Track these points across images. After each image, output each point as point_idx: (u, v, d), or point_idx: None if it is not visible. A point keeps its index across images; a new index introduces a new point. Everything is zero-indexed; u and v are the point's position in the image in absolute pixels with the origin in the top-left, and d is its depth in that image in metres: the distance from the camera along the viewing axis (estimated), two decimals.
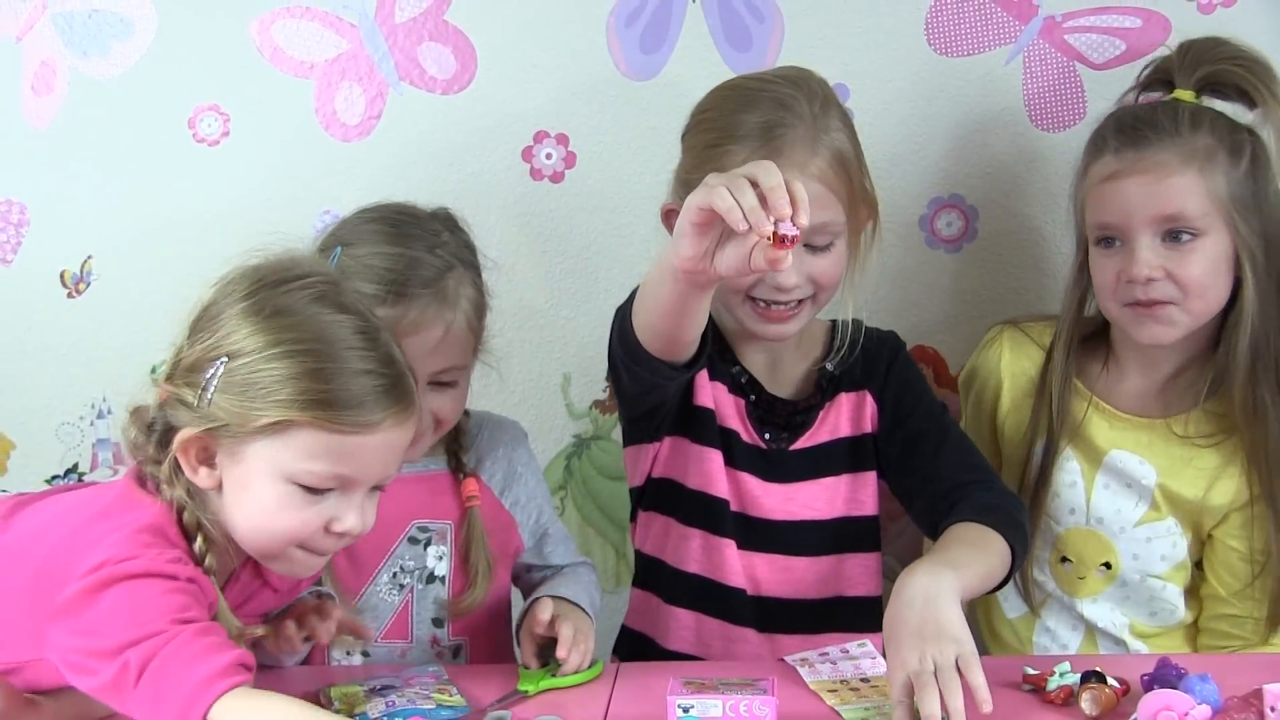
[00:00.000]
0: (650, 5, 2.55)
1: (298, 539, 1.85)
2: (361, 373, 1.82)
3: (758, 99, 2.24)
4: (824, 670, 2.06)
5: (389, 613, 2.23)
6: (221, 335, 1.84)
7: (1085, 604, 2.36)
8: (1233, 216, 2.19)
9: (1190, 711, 1.81)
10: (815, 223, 2.05)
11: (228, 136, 2.58)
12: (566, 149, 2.59)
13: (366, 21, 2.56)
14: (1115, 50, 2.52)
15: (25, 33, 2.55)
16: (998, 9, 2.52)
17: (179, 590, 1.75)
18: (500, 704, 1.96)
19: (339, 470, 1.82)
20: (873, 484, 2.33)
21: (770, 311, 2.21)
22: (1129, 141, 2.22)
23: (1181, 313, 2.21)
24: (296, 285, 1.87)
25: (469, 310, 2.19)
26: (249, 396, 1.81)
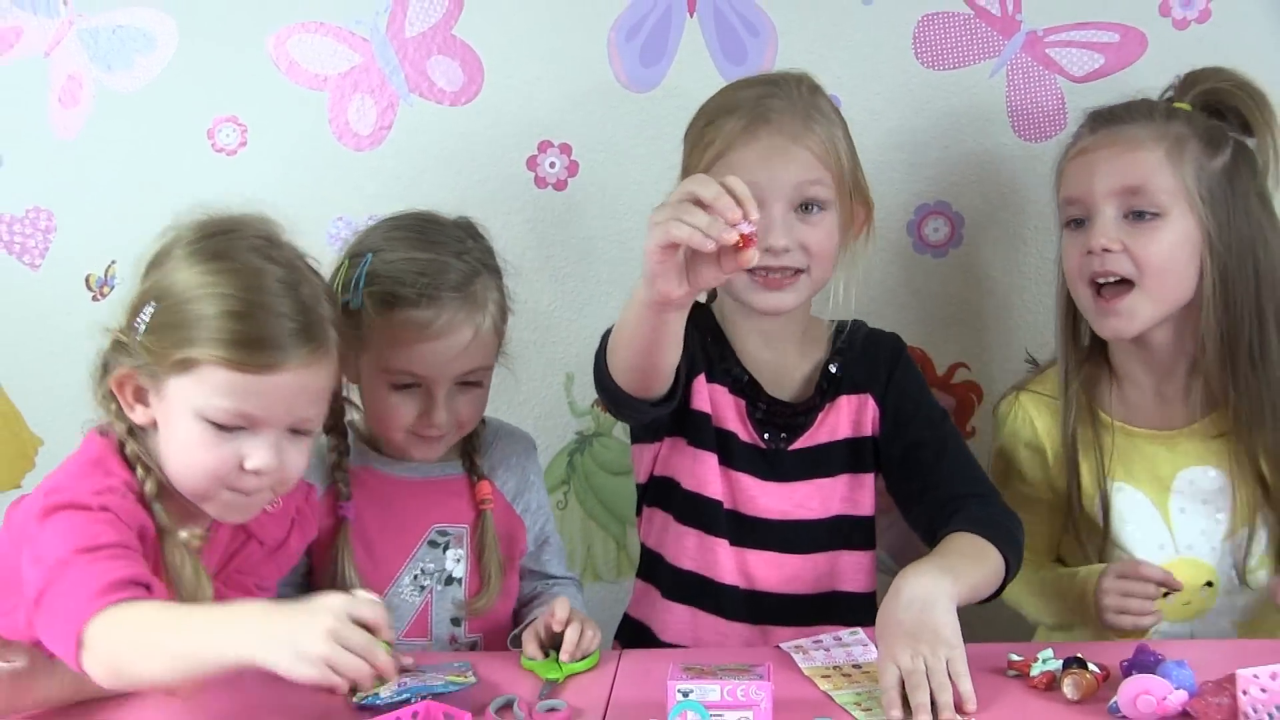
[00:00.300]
0: (650, 20, 2.55)
1: (216, 477, 1.87)
2: (273, 314, 1.85)
3: (750, 83, 2.29)
4: (818, 657, 2.06)
5: (410, 613, 2.23)
6: (159, 278, 1.91)
7: (1196, 623, 2.30)
8: (1200, 205, 2.16)
9: (1167, 696, 1.82)
10: (803, 181, 2.19)
11: (245, 146, 2.58)
12: (569, 158, 2.59)
13: (378, 36, 2.56)
14: (1094, 64, 2.52)
15: (53, 48, 2.55)
16: (982, 24, 2.53)
17: (91, 520, 1.79)
18: (544, 696, 1.95)
19: (244, 408, 1.85)
20: (870, 485, 2.31)
21: (768, 279, 2.19)
22: (1104, 121, 2.22)
23: (1141, 299, 2.18)
24: (235, 235, 1.92)
25: (495, 314, 2.20)
26: (167, 334, 1.86)
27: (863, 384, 2.30)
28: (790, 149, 2.19)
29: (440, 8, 2.55)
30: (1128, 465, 2.29)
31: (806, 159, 2.19)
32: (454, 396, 2.19)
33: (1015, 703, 1.88)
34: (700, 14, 2.54)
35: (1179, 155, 2.16)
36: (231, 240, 1.92)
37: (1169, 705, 1.81)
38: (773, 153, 2.19)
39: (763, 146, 2.19)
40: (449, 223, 2.25)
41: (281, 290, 1.87)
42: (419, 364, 2.16)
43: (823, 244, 2.21)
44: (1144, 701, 1.82)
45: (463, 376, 2.18)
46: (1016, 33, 2.53)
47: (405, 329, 2.15)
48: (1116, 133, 2.20)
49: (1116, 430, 2.29)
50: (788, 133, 2.19)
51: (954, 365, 2.62)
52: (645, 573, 2.37)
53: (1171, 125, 2.18)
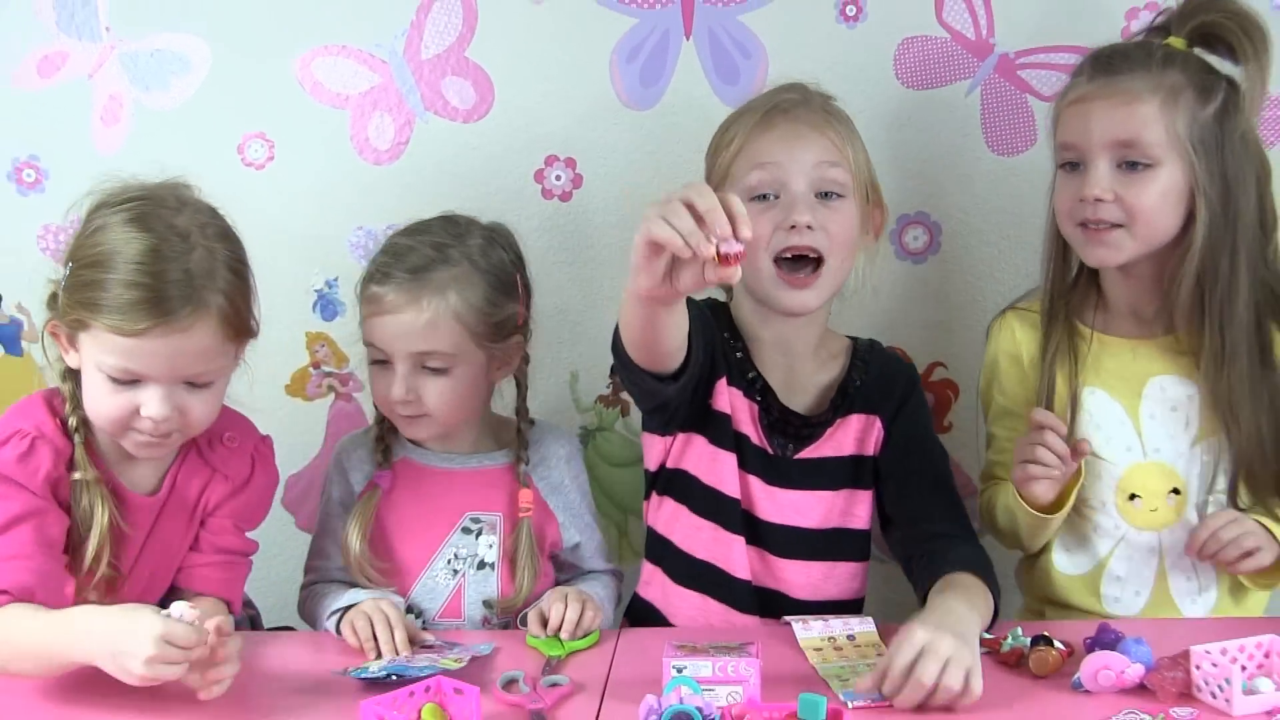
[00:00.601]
0: (649, 42, 2.55)
1: (117, 421, 1.98)
2: (129, 284, 1.91)
3: (767, 92, 2.29)
4: (816, 627, 2.07)
5: (444, 595, 2.25)
6: (73, 241, 2.01)
7: (1164, 534, 2.24)
8: (1190, 154, 2.12)
9: (1125, 670, 1.85)
10: (822, 161, 2.17)
11: (273, 160, 2.59)
12: (574, 171, 2.59)
13: (396, 58, 2.56)
14: (1061, 84, 2.43)
15: (96, 70, 2.56)
16: (958, 47, 2.53)
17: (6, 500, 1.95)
18: (547, 672, 1.99)
19: (126, 365, 1.94)
20: (868, 501, 2.28)
21: (793, 278, 2.17)
22: (1101, 69, 2.17)
23: (1127, 236, 2.15)
24: (120, 207, 1.99)
25: (457, 305, 2.17)
26: (71, 295, 1.96)
27: (875, 405, 2.27)
28: (809, 134, 2.19)
29: (454, 31, 2.55)
30: (1100, 370, 2.25)
31: (824, 144, 2.18)
32: (419, 377, 2.19)
33: (986, 678, 1.86)
34: (696, 37, 2.54)
35: (1173, 106, 2.12)
36: (115, 212, 1.98)
37: (1127, 679, 1.85)
38: (792, 137, 2.18)
39: (782, 131, 2.19)
40: (466, 221, 2.28)
41: (150, 260, 1.93)
42: (378, 337, 2.20)
43: (842, 230, 2.18)
44: (1104, 676, 1.85)
45: (422, 359, 2.18)
46: (990, 55, 2.53)
47: (367, 303, 2.21)
48: (1113, 84, 2.14)
49: (1093, 338, 2.26)
50: (806, 121, 2.19)
51: (932, 364, 2.62)
52: (653, 556, 2.35)
53: (1167, 74, 2.13)
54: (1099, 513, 2.26)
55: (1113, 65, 2.16)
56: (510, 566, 2.25)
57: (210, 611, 2.03)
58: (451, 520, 2.27)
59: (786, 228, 2.15)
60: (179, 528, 2.12)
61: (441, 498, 2.28)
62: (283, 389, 2.61)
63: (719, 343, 2.24)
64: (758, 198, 2.17)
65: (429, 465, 2.30)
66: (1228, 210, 2.14)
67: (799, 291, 2.18)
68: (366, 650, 2.04)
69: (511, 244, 2.31)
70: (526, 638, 2.11)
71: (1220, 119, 2.14)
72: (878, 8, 2.52)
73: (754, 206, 2.14)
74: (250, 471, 2.17)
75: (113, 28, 2.56)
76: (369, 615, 2.08)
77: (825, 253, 2.17)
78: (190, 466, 2.11)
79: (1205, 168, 2.13)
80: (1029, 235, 2.51)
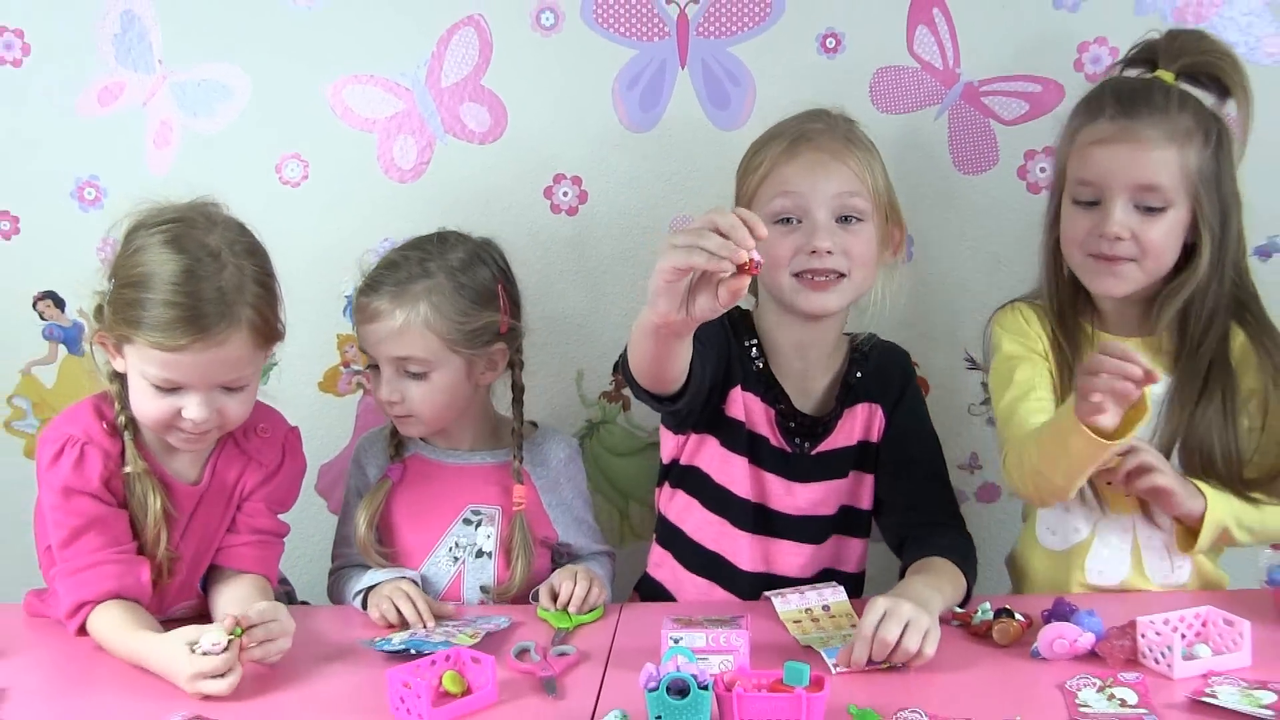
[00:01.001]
0: (647, 72, 2.55)
1: (161, 422, 2.00)
2: (165, 304, 1.93)
3: (794, 116, 2.26)
4: (793, 600, 2.09)
5: (445, 580, 2.27)
6: (117, 258, 2.02)
7: (1137, 517, 2.21)
8: (1198, 191, 2.11)
9: (1078, 639, 1.89)
10: (843, 192, 2.17)
11: (307, 179, 2.60)
12: (580, 188, 2.60)
13: (418, 86, 2.57)
14: (1021, 110, 2.53)
15: (149, 99, 2.56)
16: (928, 76, 2.53)
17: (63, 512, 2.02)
18: (556, 642, 2.02)
19: (169, 376, 1.96)
20: (870, 482, 2.29)
21: (814, 281, 2.14)
22: (1124, 110, 2.12)
23: (1137, 270, 2.13)
24: (157, 229, 1.99)
25: (428, 314, 2.18)
26: (115, 312, 1.98)
27: (876, 394, 2.27)
28: (830, 164, 2.16)
29: (470, 62, 2.55)
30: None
31: (846, 174, 2.16)
32: (403, 381, 2.21)
33: (957, 647, 1.94)
34: (690, 66, 2.54)
35: (1186, 150, 2.10)
36: (153, 234, 1.99)
37: (1080, 646, 1.89)
38: (815, 166, 2.15)
39: (805, 160, 2.16)
40: (453, 236, 2.29)
41: (186, 280, 1.95)
42: (365, 343, 2.24)
43: (864, 251, 2.17)
44: (1059, 644, 1.89)
45: (403, 364, 2.21)
46: (956, 83, 2.53)
47: (357, 312, 2.24)
48: (1135, 129, 2.10)
49: (1095, 336, 2.22)
50: (828, 150, 2.16)
51: None
52: (664, 541, 2.35)
53: (1181, 118, 2.11)
54: (1080, 497, 2.20)
55: (1135, 108, 2.12)
56: (506, 556, 2.27)
57: (251, 589, 2.11)
58: (454, 512, 2.29)
59: (808, 252, 2.14)
60: (218, 512, 2.15)
61: (446, 491, 2.30)
62: (316, 386, 2.63)
63: (735, 353, 2.22)
64: (781, 221, 2.16)
65: (437, 460, 2.33)
66: (1225, 239, 2.15)
67: (820, 294, 2.16)
68: (395, 627, 2.08)
69: (496, 258, 2.31)
70: (538, 610, 2.14)
71: (1217, 155, 2.14)
72: (855, 40, 2.52)
73: (777, 229, 2.14)
74: (281, 459, 2.19)
75: (164, 60, 2.56)
76: (391, 598, 2.12)
77: (846, 271, 2.16)
78: (227, 456, 2.14)
79: (1209, 203, 2.12)
80: (992, 245, 2.57)
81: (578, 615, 2.12)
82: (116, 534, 2.04)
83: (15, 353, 2.66)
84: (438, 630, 2.05)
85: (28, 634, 2.13)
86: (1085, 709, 1.74)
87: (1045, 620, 1.99)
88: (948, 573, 2.06)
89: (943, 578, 2.04)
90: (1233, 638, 1.89)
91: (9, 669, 1.98)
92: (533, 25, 2.55)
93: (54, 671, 2.00)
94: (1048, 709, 1.75)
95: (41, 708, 1.88)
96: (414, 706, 1.75)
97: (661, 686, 1.64)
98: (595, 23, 2.54)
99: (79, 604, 2.02)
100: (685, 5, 2.54)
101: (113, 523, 2.04)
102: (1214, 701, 1.75)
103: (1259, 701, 1.74)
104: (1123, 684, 1.81)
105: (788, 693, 1.68)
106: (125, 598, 2.03)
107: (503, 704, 1.82)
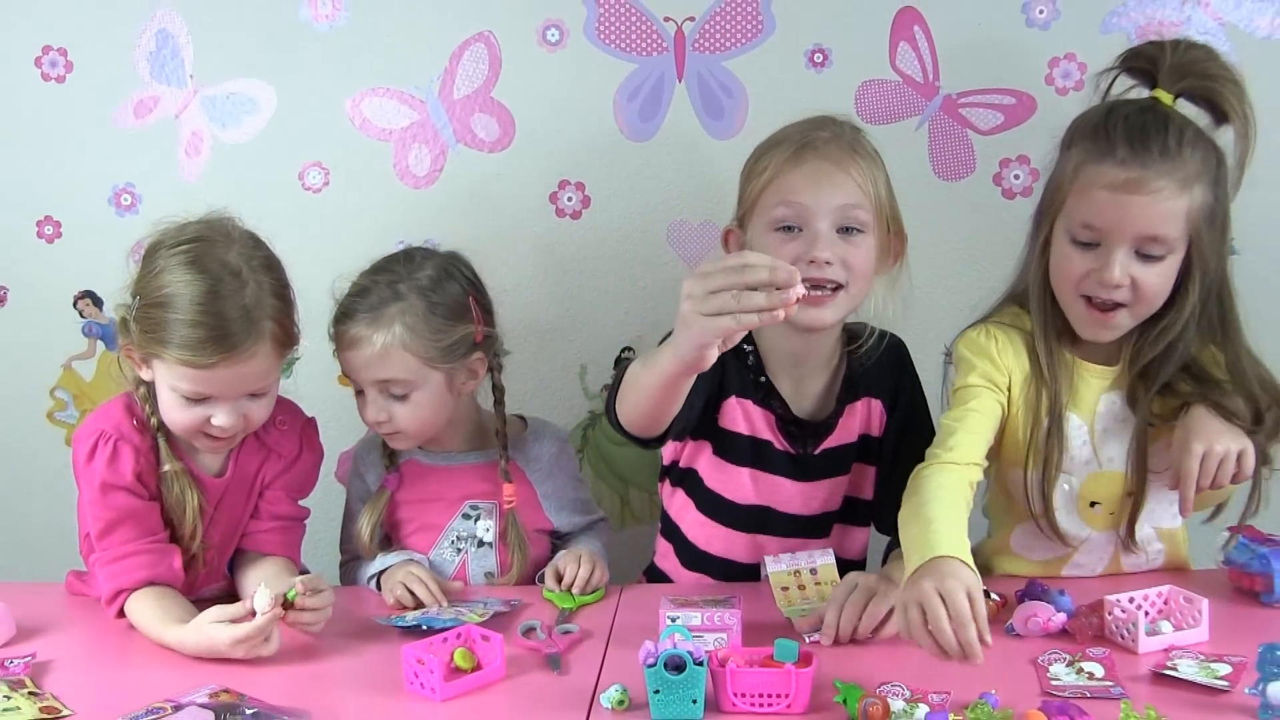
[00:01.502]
0: (647, 84, 2.54)
1: (191, 429, 1.99)
2: (192, 324, 1.91)
3: (800, 122, 2.13)
4: (784, 560, 2.05)
5: (451, 569, 2.25)
6: (140, 277, 1.99)
7: (1122, 530, 2.09)
8: (1200, 231, 1.95)
9: (1051, 617, 1.88)
10: (846, 204, 2.02)
11: (328, 185, 2.59)
12: (583, 194, 2.59)
13: (432, 98, 2.56)
14: (996, 121, 2.52)
15: (181, 111, 2.57)
16: (909, 89, 2.52)
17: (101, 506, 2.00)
18: (560, 621, 2.02)
19: (197, 389, 1.95)
20: (872, 474, 2.21)
21: (810, 296, 1.90)
22: (1136, 156, 1.92)
23: (1128, 316, 2.00)
24: (178, 249, 1.96)
25: (404, 335, 2.11)
26: (142, 329, 1.96)
27: (875, 389, 2.18)
28: (835, 174, 2.03)
29: (481, 76, 2.55)
30: (1073, 393, 2.07)
31: (849, 186, 2.03)
32: (387, 401, 2.16)
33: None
34: (687, 80, 2.53)
35: (1190, 196, 1.93)
36: (173, 254, 1.96)
37: (1052, 624, 1.88)
38: (819, 176, 2.02)
39: (810, 170, 2.03)
40: (420, 254, 2.22)
41: (210, 301, 1.92)
42: (347, 369, 2.19)
43: (862, 263, 2.04)
44: (1033, 622, 1.88)
45: (386, 386, 2.15)
46: (935, 96, 2.52)
47: (336, 340, 2.18)
48: (1146, 182, 1.91)
49: (1075, 365, 2.07)
50: (833, 159, 2.03)
51: None
52: (666, 534, 2.30)
53: (1190, 163, 1.92)
54: (1064, 521, 2.09)
55: (1148, 154, 1.92)
56: (505, 546, 2.25)
57: (279, 568, 2.11)
58: (453, 508, 2.27)
59: (807, 261, 2.00)
60: (241, 501, 2.14)
61: (443, 490, 2.27)
62: (335, 381, 2.58)
63: (729, 364, 2.11)
64: (783, 228, 2.05)
65: (431, 464, 2.29)
66: (1217, 270, 2.01)
67: (816, 309, 2.02)
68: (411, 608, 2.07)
69: (464, 271, 2.23)
70: (543, 592, 2.13)
71: (1216, 193, 1.97)
72: (841, 56, 2.51)
73: (778, 236, 2.05)
74: (300, 449, 2.18)
75: (196, 76, 2.56)
76: (404, 582, 2.10)
77: (844, 282, 2.03)
78: (249, 449, 2.12)
79: (1208, 240, 1.97)
80: (970, 247, 2.56)
81: (580, 596, 2.10)
82: (150, 525, 2.03)
83: (57, 348, 2.67)
84: (448, 609, 2.03)
85: (70, 611, 2.12)
86: (1056, 681, 1.74)
87: (1019, 599, 1.97)
88: None
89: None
90: (1192, 614, 1.88)
91: (53, 643, 1.97)
92: (539, 41, 2.54)
93: (94, 646, 1.99)
94: (1021, 682, 1.75)
95: (82, 679, 1.87)
96: (427, 681, 1.75)
97: (659, 662, 1.64)
98: (598, 39, 2.53)
99: (116, 591, 2.00)
100: (682, 22, 2.53)
101: (145, 515, 2.03)
102: (1175, 674, 1.74)
103: (1215, 673, 1.74)
104: (1091, 659, 1.80)
105: (778, 668, 1.67)
106: (159, 583, 2.01)
107: (510, 679, 1.81)
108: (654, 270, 2.47)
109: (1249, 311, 2.11)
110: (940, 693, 1.70)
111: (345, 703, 1.77)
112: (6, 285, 2.65)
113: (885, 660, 1.81)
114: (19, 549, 2.68)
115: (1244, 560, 2.03)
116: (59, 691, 1.80)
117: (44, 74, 2.57)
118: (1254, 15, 2.46)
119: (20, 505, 2.70)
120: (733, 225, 2.17)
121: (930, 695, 1.69)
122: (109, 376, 2.63)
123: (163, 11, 2.55)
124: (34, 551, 2.65)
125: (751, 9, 2.52)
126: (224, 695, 1.73)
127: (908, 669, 1.77)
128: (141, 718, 1.67)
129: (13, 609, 2.01)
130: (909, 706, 1.66)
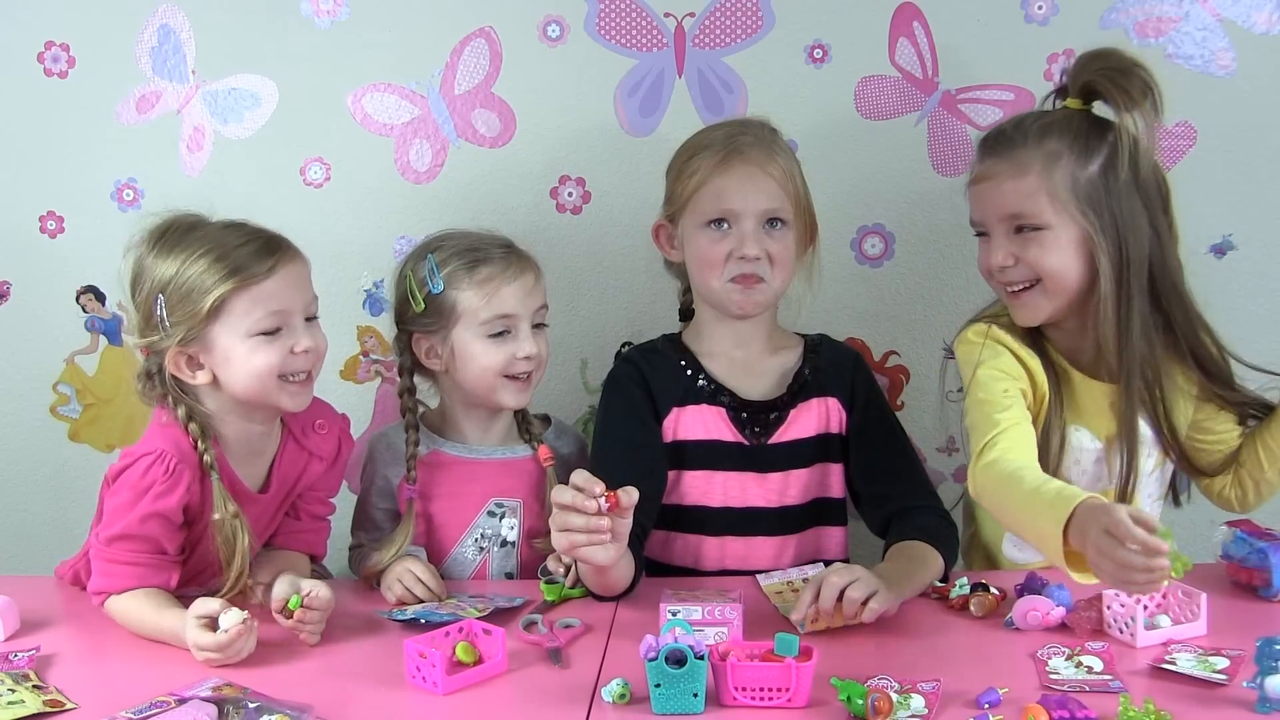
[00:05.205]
0: (647, 80, 2.55)
1: (277, 370, 1.97)
2: (241, 243, 1.95)
3: (721, 125, 2.28)
4: (776, 576, 2.10)
5: (471, 568, 2.25)
6: (149, 282, 1.97)
7: None
8: (1079, 211, 2.01)
9: (1049, 611, 1.88)
10: (770, 204, 2.17)
11: (329, 181, 2.59)
12: (584, 189, 2.59)
13: (433, 94, 2.56)
14: (994, 116, 2.50)
15: (184, 106, 2.56)
16: (908, 85, 2.52)
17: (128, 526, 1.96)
18: (537, 611, 2.01)
19: (273, 308, 1.96)
20: (839, 472, 2.25)
21: (743, 279, 2.17)
22: (988, 151, 2.10)
23: (1041, 295, 2.06)
24: (177, 226, 2.00)
25: (537, 270, 2.25)
26: (188, 304, 1.94)
27: (828, 388, 2.24)
28: (759, 177, 2.17)
29: (481, 71, 2.55)
30: (1079, 408, 2.12)
31: (772, 186, 2.17)
32: (536, 339, 2.23)
33: (936, 619, 1.93)
34: (687, 75, 2.53)
35: (1051, 173, 2.01)
36: (174, 227, 2.00)
37: (1051, 618, 1.88)
38: (746, 180, 2.16)
39: (738, 174, 2.17)
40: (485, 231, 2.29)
41: (233, 227, 1.98)
42: (509, 304, 2.20)
43: (783, 254, 2.19)
44: (1032, 616, 1.88)
45: (536, 316, 2.23)
46: (935, 91, 2.52)
47: (490, 280, 2.19)
48: (997, 165, 2.06)
49: (1076, 378, 2.12)
50: (756, 162, 2.17)
51: (887, 352, 2.62)
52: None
53: (1045, 143, 2.03)
54: None
55: (997, 147, 2.09)
56: (542, 510, 2.23)
57: (296, 561, 2.15)
58: (478, 505, 2.26)
59: (738, 257, 2.16)
60: (277, 508, 2.14)
61: (469, 486, 2.27)
62: (338, 374, 2.61)
63: (666, 385, 2.23)
64: (714, 223, 2.19)
65: (457, 456, 2.29)
66: (1128, 253, 2.02)
67: (749, 291, 2.19)
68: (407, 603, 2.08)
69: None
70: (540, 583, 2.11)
71: (1105, 172, 2.02)
72: (840, 51, 2.51)
73: (710, 233, 2.19)
74: (338, 449, 2.18)
75: (198, 71, 2.56)
76: (400, 579, 2.10)
77: (767, 277, 2.18)
78: (289, 456, 2.12)
79: (1097, 221, 2.02)
80: (968, 242, 2.48)
81: (568, 589, 2.09)
82: (163, 545, 2.00)
83: (60, 343, 2.67)
84: (449, 603, 2.04)
85: (74, 605, 2.11)
86: (1055, 675, 1.74)
87: (1018, 594, 1.97)
88: (921, 556, 2.04)
89: (915, 562, 2.02)
90: (1190, 608, 1.88)
91: (57, 637, 1.97)
92: (540, 37, 2.54)
93: (97, 640, 1.99)
94: (1021, 676, 1.74)
95: (86, 673, 1.87)
96: (429, 674, 1.75)
97: (660, 656, 1.64)
98: (598, 34, 2.54)
99: (101, 590, 2.00)
100: (682, 18, 2.53)
101: (164, 537, 1.99)
102: (1173, 668, 1.74)
103: (1213, 667, 1.74)
104: (1090, 652, 1.80)
105: (778, 662, 1.67)
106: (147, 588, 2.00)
107: (512, 672, 1.81)
108: (654, 265, 2.46)
109: (1248, 309, 2.11)
110: (930, 680, 1.70)
111: (348, 696, 1.76)
112: (10, 280, 2.65)
113: (870, 656, 1.82)
114: (22, 542, 2.69)
115: (1242, 554, 2.03)
116: (63, 685, 1.79)
117: (47, 69, 2.57)
118: (1252, 10, 2.46)
119: (23, 499, 2.70)
120: (663, 220, 2.28)
121: (920, 684, 1.69)
122: (111, 371, 2.63)
123: (165, 7, 2.55)
124: (37, 545, 2.65)
125: (751, 5, 2.52)
126: (227, 689, 1.73)
127: (893, 662, 1.77)
128: (145, 711, 1.67)
129: (16, 602, 2.01)
130: (902, 698, 1.66)
